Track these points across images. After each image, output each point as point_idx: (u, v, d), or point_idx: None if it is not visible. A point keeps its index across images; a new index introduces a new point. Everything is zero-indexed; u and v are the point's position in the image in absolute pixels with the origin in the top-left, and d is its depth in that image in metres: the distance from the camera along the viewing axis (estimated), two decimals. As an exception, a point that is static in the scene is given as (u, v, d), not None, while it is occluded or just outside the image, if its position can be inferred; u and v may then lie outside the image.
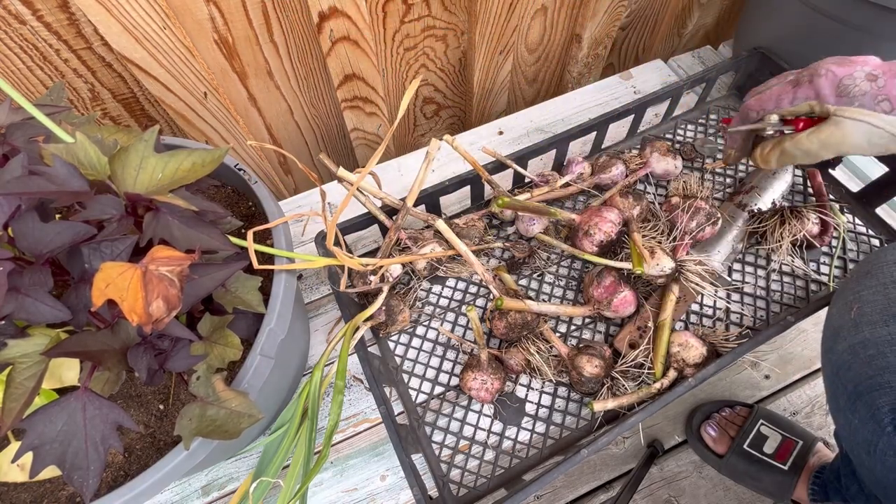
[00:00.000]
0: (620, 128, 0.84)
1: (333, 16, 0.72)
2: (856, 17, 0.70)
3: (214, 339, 0.43)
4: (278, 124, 0.91)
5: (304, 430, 0.56)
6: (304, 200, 0.88)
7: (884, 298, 0.44)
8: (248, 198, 0.60)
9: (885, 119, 0.42)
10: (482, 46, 0.90)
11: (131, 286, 0.30)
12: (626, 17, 1.06)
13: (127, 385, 0.48)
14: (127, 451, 0.45)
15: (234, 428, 0.39)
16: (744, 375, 0.71)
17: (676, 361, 0.61)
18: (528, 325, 0.63)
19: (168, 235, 0.38)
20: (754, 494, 0.65)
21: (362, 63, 0.82)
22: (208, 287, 0.39)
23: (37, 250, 0.34)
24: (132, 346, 0.38)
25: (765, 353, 0.72)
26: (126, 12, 0.60)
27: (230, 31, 0.71)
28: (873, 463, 0.42)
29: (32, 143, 0.41)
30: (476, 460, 0.63)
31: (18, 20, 0.59)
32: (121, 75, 0.71)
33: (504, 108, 1.11)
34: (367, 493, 0.63)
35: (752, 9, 0.91)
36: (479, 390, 0.62)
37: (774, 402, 0.70)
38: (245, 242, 0.44)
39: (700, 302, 0.71)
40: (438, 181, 0.72)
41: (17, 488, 0.45)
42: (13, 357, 0.35)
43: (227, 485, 0.64)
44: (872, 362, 0.42)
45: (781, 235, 0.68)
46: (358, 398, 0.69)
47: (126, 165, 0.37)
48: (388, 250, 0.69)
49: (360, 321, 0.63)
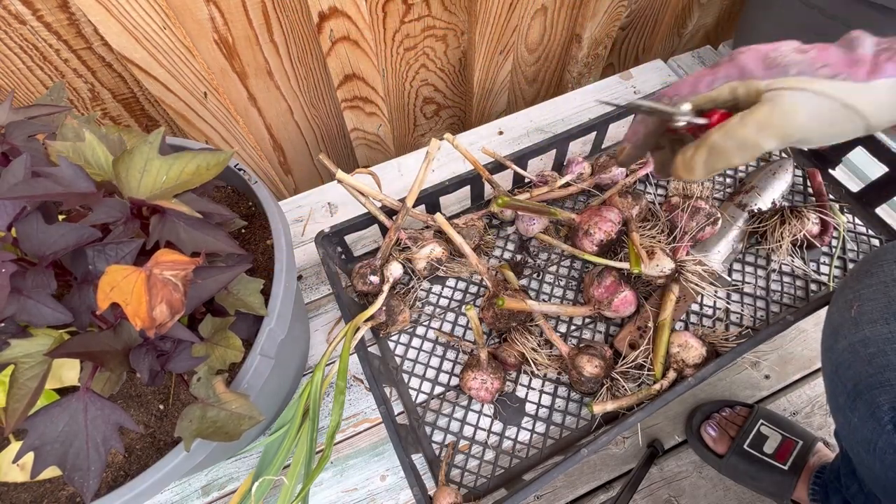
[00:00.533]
0: (620, 128, 0.84)
1: (333, 16, 0.72)
2: (856, 17, 0.70)
3: (216, 340, 0.43)
4: (278, 124, 0.91)
5: (304, 430, 0.56)
6: (304, 200, 0.88)
7: (884, 297, 0.45)
8: (248, 198, 0.60)
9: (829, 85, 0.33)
10: (482, 46, 0.90)
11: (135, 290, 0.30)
12: (626, 17, 1.06)
13: (127, 385, 0.48)
14: (127, 451, 0.45)
15: (234, 430, 0.39)
16: (744, 375, 0.71)
17: (676, 362, 0.61)
18: (514, 315, 0.64)
19: (174, 238, 0.38)
20: (754, 494, 0.65)
21: (362, 63, 0.82)
22: (211, 290, 0.39)
23: (40, 252, 0.34)
24: (134, 347, 0.38)
25: (765, 353, 0.72)
26: (126, 12, 0.59)
27: (230, 31, 0.71)
28: (873, 461, 0.42)
29: (33, 142, 0.41)
30: (476, 460, 0.63)
31: (18, 20, 0.59)
32: (121, 75, 0.71)
33: (504, 108, 1.10)
34: (367, 492, 0.64)
35: (752, 9, 0.91)
36: (479, 390, 0.62)
37: (774, 402, 0.70)
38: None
39: (700, 302, 0.71)
40: (438, 181, 0.72)
41: (17, 488, 0.45)
42: (16, 357, 0.35)
43: (227, 485, 0.64)
44: (873, 360, 0.42)
45: (781, 235, 0.68)
46: (358, 398, 0.69)
47: (130, 168, 0.37)
48: (388, 250, 0.70)
49: (360, 321, 0.63)
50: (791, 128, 0.34)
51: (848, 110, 0.33)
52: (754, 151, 0.36)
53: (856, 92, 0.33)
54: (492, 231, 0.78)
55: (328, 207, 0.87)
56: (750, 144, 0.35)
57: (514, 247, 0.77)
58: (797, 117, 0.34)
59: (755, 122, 0.35)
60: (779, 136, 0.35)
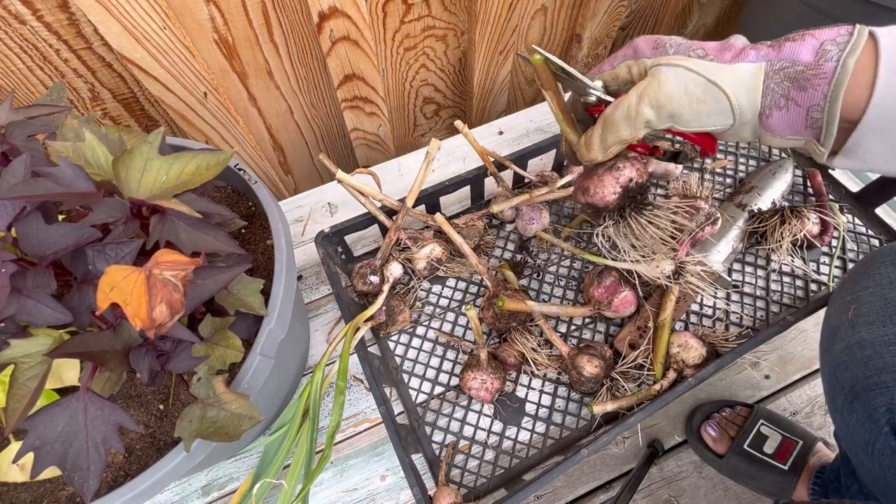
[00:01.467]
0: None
1: (333, 16, 0.72)
2: (856, 16, 0.70)
3: (216, 340, 0.43)
4: (278, 124, 0.91)
5: (304, 430, 0.56)
6: (304, 200, 0.88)
7: (880, 299, 0.45)
8: (248, 198, 0.60)
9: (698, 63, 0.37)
10: (482, 46, 0.90)
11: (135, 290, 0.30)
12: (626, 17, 1.06)
13: (127, 385, 0.48)
14: (127, 451, 0.45)
15: (234, 430, 0.39)
16: (744, 375, 0.71)
17: (676, 362, 0.61)
18: (514, 315, 0.64)
19: (174, 238, 0.38)
20: (754, 494, 0.65)
21: (362, 63, 0.82)
22: (211, 290, 0.39)
23: (40, 252, 0.34)
24: (134, 347, 0.38)
25: (765, 353, 0.72)
26: (126, 12, 0.60)
27: (230, 31, 0.71)
28: (871, 463, 0.42)
29: (33, 142, 0.41)
30: (476, 460, 0.63)
31: (18, 20, 0.59)
32: (121, 75, 0.71)
33: (504, 108, 1.11)
34: (367, 492, 0.64)
35: (752, 9, 0.91)
36: (479, 390, 0.62)
37: (774, 402, 0.70)
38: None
39: (700, 302, 0.71)
40: (438, 181, 0.72)
41: (17, 488, 0.45)
42: (16, 357, 0.35)
43: (227, 485, 0.64)
44: (869, 362, 0.42)
45: (781, 235, 0.68)
46: (358, 398, 0.69)
47: (130, 168, 0.37)
48: (388, 250, 0.70)
49: (360, 321, 0.63)
50: (664, 97, 0.37)
51: (711, 86, 0.36)
52: (637, 122, 0.39)
53: (720, 70, 0.36)
54: (492, 231, 0.78)
55: (328, 207, 0.87)
56: (633, 114, 0.38)
57: (514, 247, 0.77)
58: (668, 87, 0.37)
59: (636, 91, 0.38)
60: (653, 105, 0.38)
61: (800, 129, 0.35)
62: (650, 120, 0.38)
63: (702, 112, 0.37)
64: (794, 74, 0.34)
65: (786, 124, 0.36)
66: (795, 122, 0.35)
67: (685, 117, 0.37)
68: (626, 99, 0.39)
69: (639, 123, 0.39)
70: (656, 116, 0.38)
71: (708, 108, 0.37)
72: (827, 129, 0.34)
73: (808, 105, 0.34)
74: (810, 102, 0.34)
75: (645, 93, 0.38)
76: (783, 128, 0.36)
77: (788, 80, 0.34)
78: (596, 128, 0.42)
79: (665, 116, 0.38)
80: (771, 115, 0.36)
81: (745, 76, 0.36)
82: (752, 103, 0.36)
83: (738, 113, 0.36)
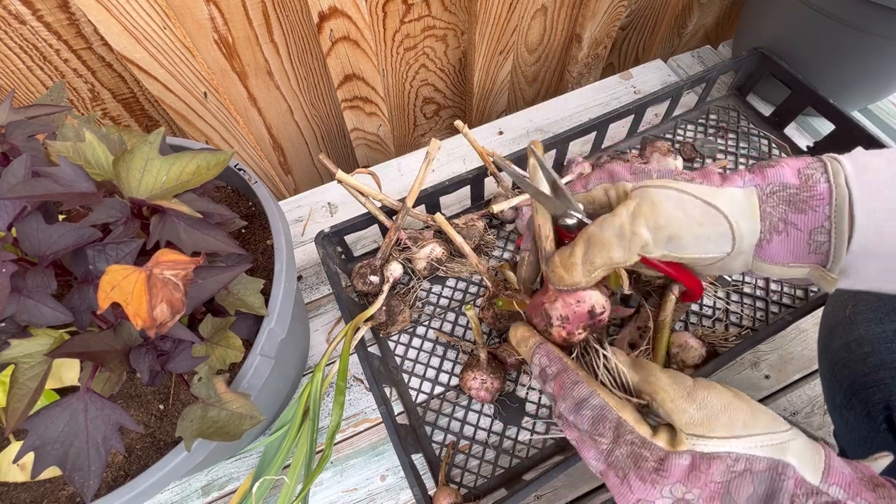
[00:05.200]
0: (620, 128, 0.84)
1: (333, 16, 0.72)
2: (856, 16, 0.70)
3: (216, 340, 0.43)
4: (278, 124, 0.91)
5: (305, 430, 0.56)
6: (304, 200, 0.88)
7: (878, 297, 0.45)
8: (248, 198, 0.60)
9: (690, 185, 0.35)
10: (482, 46, 0.90)
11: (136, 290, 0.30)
12: (626, 17, 1.06)
13: (127, 385, 0.48)
14: (127, 451, 0.45)
15: (235, 430, 0.39)
16: (744, 375, 0.71)
17: (676, 362, 0.61)
18: (515, 315, 0.64)
19: (175, 238, 0.38)
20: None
21: (362, 63, 0.82)
22: (212, 290, 0.39)
23: (40, 252, 0.34)
24: (134, 347, 0.38)
25: (765, 353, 0.72)
26: (126, 12, 0.60)
27: (230, 31, 0.71)
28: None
29: (33, 141, 0.41)
30: (476, 460, 0.63)
31: (18, 20, 0.59)
32: (121, 75, 0.71)
33: (504, 108, 1.11)
34: (367, 492, 0.64)
35: (751, 9, 0.91)
36: (479, 390, 0.62)
37: (774, 402, 0.70)
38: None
39: (700, 302, 0.71)
40: (438, 181, 0.72)
41: (17, 488, 0.45)
42: (16, 357, 0.35)
43: (227, 485, 0.64)
44: (867, 360, 0.43)
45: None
46: (358, 398, 0.69)
47: (130, 168, 0.37)
48: (388, 250, 0.70)
49: (360, 321, 0.63)
50: (661, 217, 0.34)
51: (709, 209, 0.34)
52: (632, 243, 0.35)
53: (715, 193, 0.34)
54: (492, 231, 0.78)
55: (328, 207, 0.87)
56: (627, 234, 0.35)
57: (514, 247, 0.77)
58: (665, 206, 0.34)
59: (626, 210, 0.35)
60: (651, 227, 0.34)
61: (802, 255, 0.33)
62: (647, 243, 0.35)
63: (702, 235, 0.34)
64: (789, 197, 0.33)
65: (787, 250, 0.34)
66: (797, 248, 0.33)
67: (685, 241, 0.34)
68: (615, 218, 0.35)
69: (634, 245, 0.35)
70: (654, 239, 0.34)
71: (707, 232, 0.34)
72: (836, 253, 0.32)
73: (811, 228, 0.32)
74: (812, 226, 0.32)
75: (639, 213, 0.34)
76: (784, 254, 0.34)
77: (784, 203, 0.33)
78: (576, 247, 0.36)
79: (663, 239, 0.34)
80: (771, 241, 0.34)
81: (741, 200, 0.34)
82: (752, 227, 0.34)
83: (738, 238, 0.34)
